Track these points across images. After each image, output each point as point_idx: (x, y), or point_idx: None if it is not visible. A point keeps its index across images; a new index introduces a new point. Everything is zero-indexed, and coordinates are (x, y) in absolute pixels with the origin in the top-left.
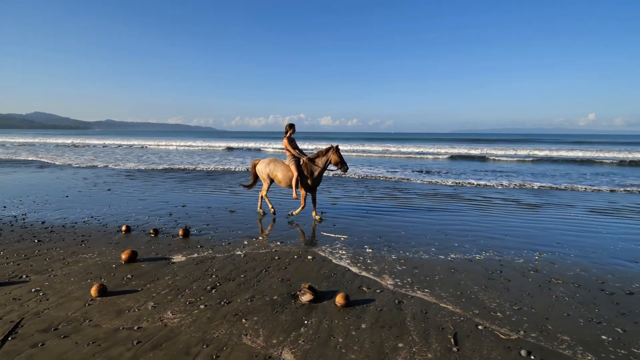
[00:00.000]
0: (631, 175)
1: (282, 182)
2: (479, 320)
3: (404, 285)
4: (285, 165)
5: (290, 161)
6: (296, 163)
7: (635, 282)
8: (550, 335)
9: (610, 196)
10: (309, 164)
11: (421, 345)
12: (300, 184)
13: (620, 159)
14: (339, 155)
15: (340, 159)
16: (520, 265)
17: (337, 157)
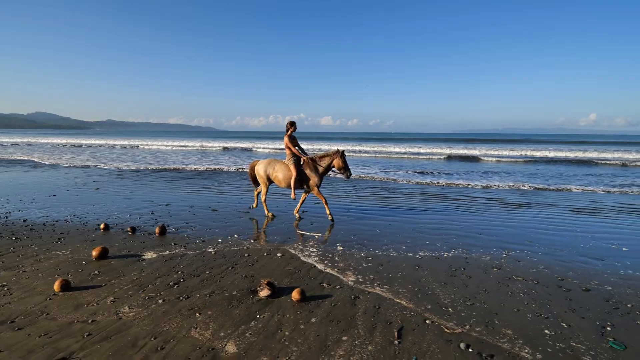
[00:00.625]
0: (622, 175)
1: (282, 182)
2: (429, 315)
3: (364, 281)
4: (286, 165)
5: (290, 160)
6: (296, 162)
7: (595, 279)
8: (494, 329)
9: (596, 196)
10: (311, 164)
11: (364, 339)
12: (301, 184)
13: (615, 159)
14: (344, 161)
15: (344, 164)
16: (486, 262)
17: (342, 162)
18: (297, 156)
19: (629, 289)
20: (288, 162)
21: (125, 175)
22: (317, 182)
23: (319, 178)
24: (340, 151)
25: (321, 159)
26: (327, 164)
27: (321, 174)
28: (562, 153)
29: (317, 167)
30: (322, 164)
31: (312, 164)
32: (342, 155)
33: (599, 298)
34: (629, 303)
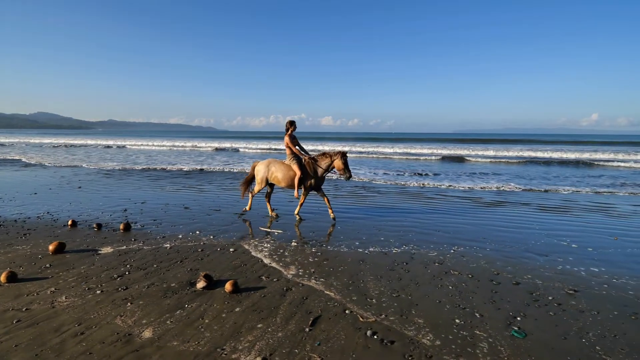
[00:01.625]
0: (610, 175)
1: (282, 183)
2: (350, 306)
3: (303, 275)
4: (286, 165)
5: (292, 160)
6: (298, 162)
7: (530, 273)
8: (407, 318)
9: (574, 196)
10: (312, 164)
11: (278, 326)
12: (302, 183)
13: (605, 160)
14: (344, 162)
15: (344, 166)
16: (430, 258)
17: (342, 163)
18: (298, 156)
19: (558, 282)
20: (290, 162)
21: (112, 175)
22: (310, 183)
23: (314, 180)
24: (341, 152)
25: (321, 160)
26: (327, 164)
27: (320, 175)
28: (556, 154)
29: (317, 168)
30: (322, 165)
31: (313, 164)
32: (342, 156)
33: (524, 291)
34: (550, 296)
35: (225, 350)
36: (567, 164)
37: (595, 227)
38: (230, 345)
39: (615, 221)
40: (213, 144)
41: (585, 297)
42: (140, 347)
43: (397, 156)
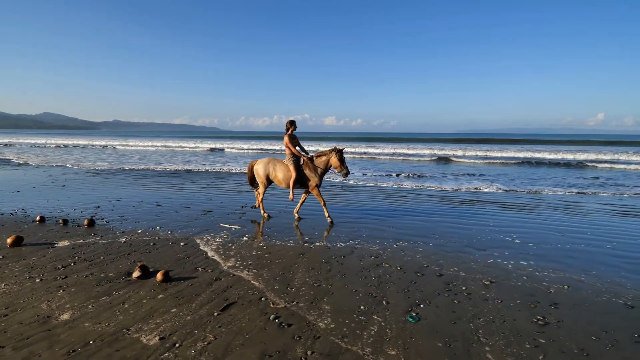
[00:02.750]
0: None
1: (282, 183)
2: (269, 294)
3: (239, 267)
4: (285, 165)
5: (290, 160)
6: (295, 162)
7: (459, 266)
8: (315, 305)
9: (545, 195)
10: (310, 164)
11: (190, 311)
12: (300, 184)
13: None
14: (339, 159)
15: (340, 162)
16: (370, 252)
17: (337, 160)
18: (297, 156)
19: (480, 274)
20: (288, 162)
21: (99, 174)
22: (317, 183)
23: (318, 178)
24: (336, 148)
25: (318, 159)
26: (325, 163)
27: (320, 174)
28: (552, 155)
29: (317, 167)
30: (320, 164)
31: (312, 164)
32: (337, 152)
33: (442, 282)
34: (465, 286)
35: (130, 331)
36: (559, 165)
37: (550, 224)
38: (136, 326)
39: (574, 219)
40: (210, 145)
41: (498, 287)
42: (54, 327)
43: (390, 157)
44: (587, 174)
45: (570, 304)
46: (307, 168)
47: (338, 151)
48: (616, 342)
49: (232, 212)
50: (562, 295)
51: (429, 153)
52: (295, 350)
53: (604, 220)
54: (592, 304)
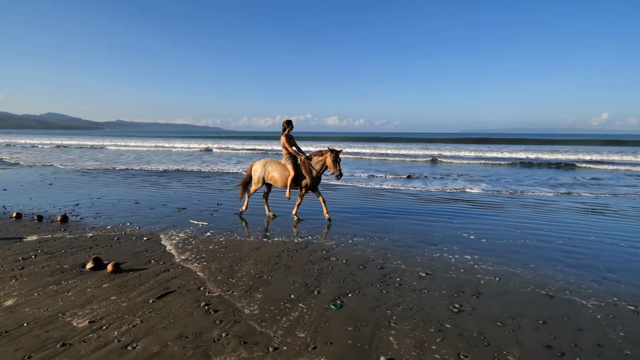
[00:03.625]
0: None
1: (278, 183)
2: (209, 284)
3: (191, 259)
4: (282, 165)
5: (287, 160)
6: (293, 162)
7: (402, 260)
8: (248, 294)
9: (519, 195)
10: (307, 163)
11: (127, 297)
12: (297, 184)
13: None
14: (334, 160)
15: (334, 163)
16: (324, 246)
17: (332, 161)
18: (294, 156)
19: (420, 267)
20: (285, 162)
21: (88, 174)
22: (307, 182)
23: (310, 179)
24: (331, 149)
25: (315, 158)
26: (321, 163)
27: (316, 175)
28: (546, 155)
29: (312, 168)
30: (315, 165)
31: (308, 164)
32: (332, 153)
33: (380, 274)
34: (400, 277)
35: (65, 315)
36: (550, 165)
37: (513, 221)
38: (72, 312)
39: (539, 216)
40: (210, 145)
41: (432, 279)
42: None
43: (384, 158)
44: (575, 175)
45: (493, 294)
46: (303, 168)
47: (333, 152)
48: (518, 328)
49: (206, 210)
50: (489, 286)
51: (422, 154)
52: (211, 332)
53: (568, 217)
54: (515, 294)
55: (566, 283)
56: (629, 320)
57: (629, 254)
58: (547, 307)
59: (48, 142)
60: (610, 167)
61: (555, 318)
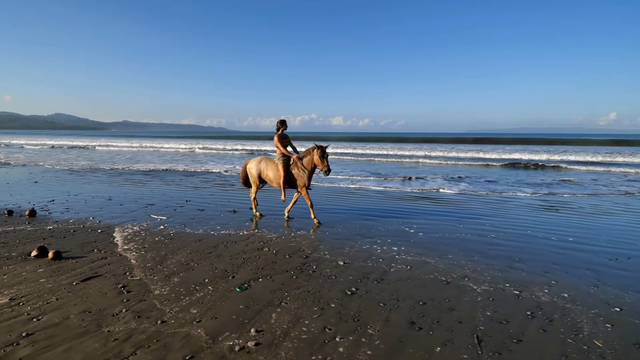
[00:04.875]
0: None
1: (273, 182)
2: (136, 270)
3: (133, 249)
4: (276, 164)
5: (279, 160)
6: (285, 162)
7: (329, 251)
8: (167, 278)
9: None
10: (299, 163)
11: (56, 281)
12: (289, 184)
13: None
14: (320, 156)
15: (321, 159)
16: (263, 239)
17: (318, 157)
18: (286, 156)
19: (343, 256)
20: (278, 162)
21: (76, 172)
22: (304, 183)
23: (307, 178)
24: (317, 145)
25: (305, 158)
26: (310, 162)
27: (308, 174)
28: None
29: (305, 168)
30: (305, 164)
31: (301, 164)
32: (318, 149)
33: (301, 263)
34: (316, 265)
35: None
36: (537, 167)
37: (462, 217)
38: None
39: (491, 212)
40: (201, 145)
41: (347, 267)
42: None
43: (375, 158)
44: (562, 176)
45: (394, 280)
46: (295, 168)
47: (319, 148)
48: (395, 308)
49: (173, 206)
50: (395, 274)
51: (416, 154)
52: (114, 309)
53: (519, 214)
54: (415, 280)
55: (471, 271)
56: (505, 303)
57: (551, 247)
58: (437, 290)
59: (46, 143)
60: (601, 169)
61: (436, 300)
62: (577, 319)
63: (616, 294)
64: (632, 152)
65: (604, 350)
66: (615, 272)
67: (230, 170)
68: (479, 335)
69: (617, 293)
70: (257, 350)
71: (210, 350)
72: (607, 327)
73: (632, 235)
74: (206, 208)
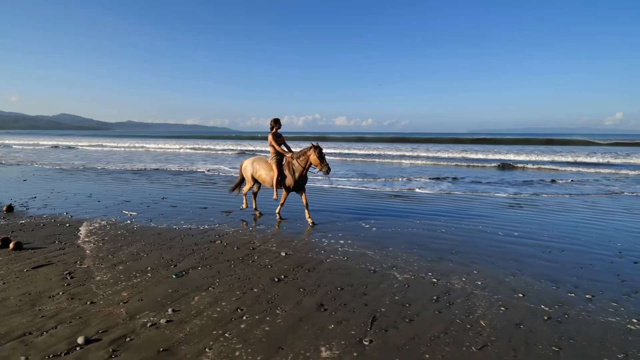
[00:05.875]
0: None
1: (266, 182)
2: (87, 259)
3: (92, 241)
4: (269, 164)
5: (273, 159)
6: (278, 161)
7: (278, 244)
8: (113, 266)
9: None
10: (292, 163)
11: (9, 268)
12: (281, 183)
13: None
14: (319, 156)
15: (320, 160)
16: (220, 232)
17: (317, 157)
18: (280, 155)
19: (287, 249)
20: (271, 161)
21: (66, 171)
22: (290, 184)
23: (292, 179)
24: (313, 145)
25: (299, 157)
26: (305, 161)
27: (300, 174)
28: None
29: (296, 168)
30: (300, 163)
31: (293, 164)
32: (316, 149)
33: (245, 254)
34: (257, 256)
35: None
36: (526, 168)
37: (422, 213)
38: None
39: (453, 209)
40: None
41: (288, 258)
42: None
43: (369, 159)
44: (550, 176)
45: (325, 270)
46: (286, 168)
47: (317, 148)
48: (312, 292)
49: (148, 202)
50: (329, 264)
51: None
52: (53, 291)
53: (480, 211)
54: (346, 269)
55: (403, 262)
56: (417, 289)
57: (493, 240)
58: (360, 278)
59: (46, 143)
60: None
61: (354, 286)
62: (477, 303)
63: (527, 282)
64: (629, 153)
65: (484, 328)
66: (540, 263)
67: (215, 170)
68: (377, 316)
69: (528, 281)
70: (166, 326)
71: (124, 325)
72: (500, 310)
73: (580, 231)
74: (179, 205)
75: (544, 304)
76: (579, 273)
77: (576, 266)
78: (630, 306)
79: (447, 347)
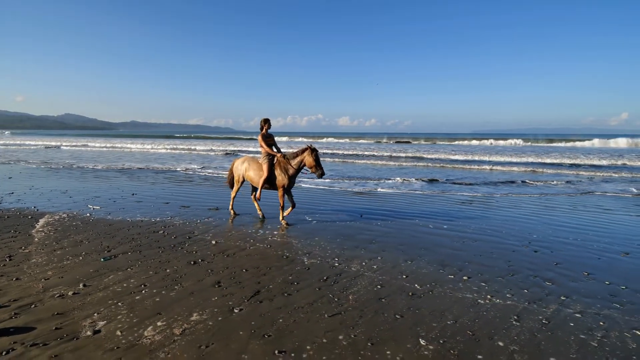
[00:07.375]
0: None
1: (254, 181)
2: (33, 245)
3: (45, 231)
4: (259, 164)
5: (264, 159)
6: (269, 162)
7: (216, 234)
8: (53, 251)
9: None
10: (283, 163)
11: None
12: (269, 184)
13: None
14: (314, 159)
15: (315, 162)
16: (167, 223)
17: (312, 159)
18: (271, 155)
19: (221, 238)
20: (262, 161)
21: (53, 170)
22: (283, 183)
23: (287, 179)
24: (310, 147)
25: (292, 158)
26: (298, 163)
27: (291, 174)
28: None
29: (288, 168)
30: (293, 164)
31: (284, 164)
32: (312, 151)
33: (178, 242)
34: (189, 244)
35: None
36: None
37: (374, 209)
38: None
39: (408, 205)
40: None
41: (216, 245)
42: None
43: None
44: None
45: (244, 255)
46: (278, 167)
47: (313, 151)
48: (218, 272)
49: (117, 197)
50: (251, 250)
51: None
52: None
53: (428, 207)
54: (262, 254)
55: (320, 249)
56: (314, 271)
57: (419, 232)
58: (269, 262)
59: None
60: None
61: (260, 268)
62: (359, 282)
63: (419, 266)
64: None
65: (348, 301)
66: (445, 251)
67: (194, 169)
68: (261, 291)
69: (421, 265)
70: (72, 297)
71: (35, 296)
72: (376, 288)
73: (507, 225)
74: (145, 200)
75: (418, 283)
76: (473, 259)
77: (477, 254)
78: (495, 285)
79: (304, 314)
